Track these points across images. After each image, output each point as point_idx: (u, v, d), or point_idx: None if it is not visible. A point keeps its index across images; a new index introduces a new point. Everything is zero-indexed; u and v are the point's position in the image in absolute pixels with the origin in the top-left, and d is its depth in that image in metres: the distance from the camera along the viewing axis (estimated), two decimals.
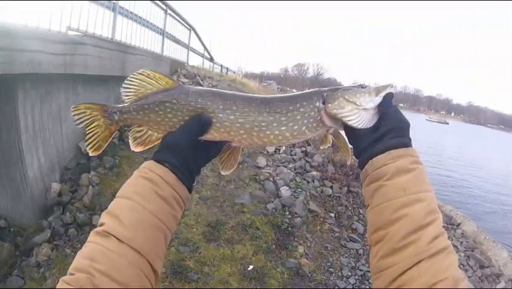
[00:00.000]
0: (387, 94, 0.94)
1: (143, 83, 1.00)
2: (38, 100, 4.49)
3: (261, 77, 50.39)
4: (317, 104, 0.98)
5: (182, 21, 11.25)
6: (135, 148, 1.04)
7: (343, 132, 1.01)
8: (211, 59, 17.50)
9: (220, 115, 0.97)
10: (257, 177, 6.03)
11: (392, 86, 0.96)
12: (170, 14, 9.74)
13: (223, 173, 1.02)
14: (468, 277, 6.24)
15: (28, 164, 4.36)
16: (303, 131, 0.99)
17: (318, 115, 0.98)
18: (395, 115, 0.91)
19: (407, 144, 0.87)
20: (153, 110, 0.99)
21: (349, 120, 0.93)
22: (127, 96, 1.01)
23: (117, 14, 6.62)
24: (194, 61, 14.20)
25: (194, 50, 13.67)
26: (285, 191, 5.80)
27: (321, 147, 1.22)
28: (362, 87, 0.97)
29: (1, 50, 3.39)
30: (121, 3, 6.74)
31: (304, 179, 6.28)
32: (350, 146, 1.01)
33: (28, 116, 4.30)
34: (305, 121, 0.99)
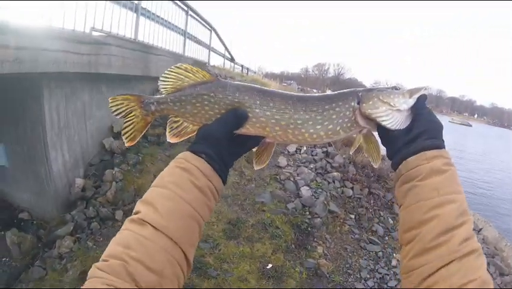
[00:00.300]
0: (420, 96, 0.95)
1: (181, 76, 1.01)
2: (64, 98, 4.62)
3: (281, 77, 50.28)
4: (352, 104, 0.98)
5: (203, 22, 11.33)
6: (171, 139, 1.05)
7: (375, 134, 1.02)
8: (232, 60, 17.58)
9: (257, 110, 0.98)
10: (278, 177, 6.03)
11: (426, 88, 0.96)
12: (191, 15, 9.83)
13: (256, 167, 1.03)
14: None
15: (52, 160, 4.49)
16: (337, 131, 1.00)
17: (353, 115, 0.98)
18: (428, 117, 0.92)
19: (440, 145, 0.87)
20: (190, 102, 1.00)
21: (382, 121, 0.94)
22: (165, 88, 1.02)
23: (140, 15, 6.72)
24: (215, 61, 14.33)
25: (215, 51, 13.75)
26: (305, 191, 5.78)
27: (350, 152, 1.22)
28: (396, 88, 0.98)
29: (26, 50, 3.50)
30: (143, 4, 6.84)
31: (325, 180, 6.22)
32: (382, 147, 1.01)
33: (53, 114, 4.43)
34: (340, 120, 0.99)
